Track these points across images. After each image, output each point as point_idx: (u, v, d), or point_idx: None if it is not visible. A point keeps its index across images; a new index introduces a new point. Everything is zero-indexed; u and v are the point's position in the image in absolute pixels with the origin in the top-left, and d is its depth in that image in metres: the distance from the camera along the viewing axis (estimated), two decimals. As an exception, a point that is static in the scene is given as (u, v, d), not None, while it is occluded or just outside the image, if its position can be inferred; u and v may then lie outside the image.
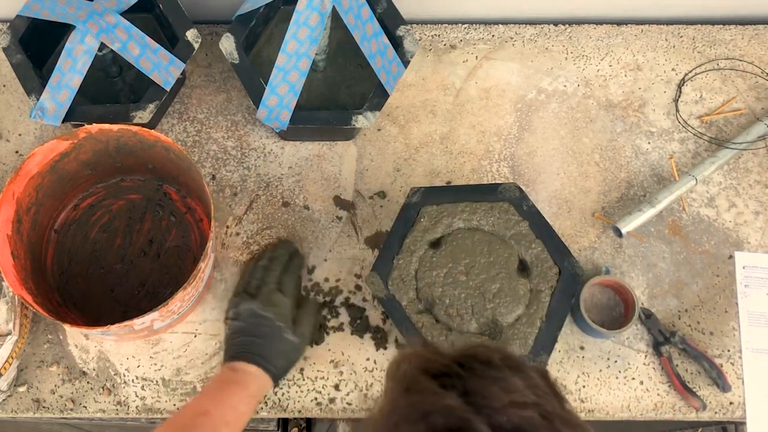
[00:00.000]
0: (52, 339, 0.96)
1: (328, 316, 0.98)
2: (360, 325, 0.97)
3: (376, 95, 0.97)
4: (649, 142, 1.08)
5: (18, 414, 0.94)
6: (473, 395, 0.51)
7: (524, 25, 1.15)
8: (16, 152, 1.06)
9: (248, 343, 0.84)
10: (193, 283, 0.86)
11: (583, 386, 0.95)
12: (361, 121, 0.96)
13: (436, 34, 1.14)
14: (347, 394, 0.95)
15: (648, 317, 0.97)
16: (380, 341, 0.97)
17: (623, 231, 0.98)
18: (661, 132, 1.09)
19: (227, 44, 0.97)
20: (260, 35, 1.05)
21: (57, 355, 0.96)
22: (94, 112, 0.96)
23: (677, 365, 0.96)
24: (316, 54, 1.01)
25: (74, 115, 0.96)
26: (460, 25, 1.15)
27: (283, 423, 1.04)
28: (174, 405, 0.94)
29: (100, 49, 0.95)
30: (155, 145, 0.92)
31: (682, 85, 1.11)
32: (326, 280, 1.00)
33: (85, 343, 0.96)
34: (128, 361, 0.96)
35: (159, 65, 0.96)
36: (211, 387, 0.81)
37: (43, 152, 0.90)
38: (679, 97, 1.11)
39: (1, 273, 0.85)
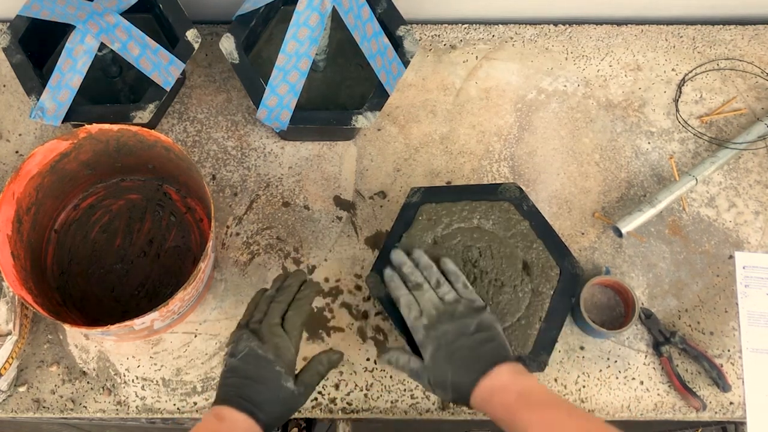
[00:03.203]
0: (52, 339, 0.96)
1: (328, 316, 0.98)
2: (360, 325, 0.97)
3: (376, 95, 0.97)
4: (649, 142, 1.08)
5: (18, 414, 0.94)
6: None
7: (524, 25, 1.15)
8: (16, 152, 1.06)
9: (241, 386, 0.75)
10: (193, 283, 0.86)
11: (583, 386, 0.95)
12: (361, 121, 0.96)
13: (436, 34, 1.14)
14: (347, 394, 0.95)
15: (648, 317, 0.97)
16: (380, 341, 0.97)
17: (623, 231, 0.98)
18: (661, 132, 1.09)
19: (227, 44, 0.97)
20: (260, 35, 1.05)
21: (57, 355, 0.96)
22: (94, 112, 0.96)
23: (677, 365, 0.96)
24: (316, 54, 1.01)
25: (74, 115, 0.96)
26: (460, 25, 1.15)
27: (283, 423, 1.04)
28: (174, 405, 0.94)
29: (100, 49, 0.95)
30: (155, 145, 0.92)
31: (682, 85, 1.11)
32: (326, 280, 1.00)
33: (85, 343, 0.96)
34: (128, 361, 0.96)
35: (159, 65, 0.96)
36: None
37: (43, 152, 0.90)
38: (679, 97, 1.11)
39: (1, 273, 0.85)
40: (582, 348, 0.97)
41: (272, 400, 0.75)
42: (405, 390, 0.95)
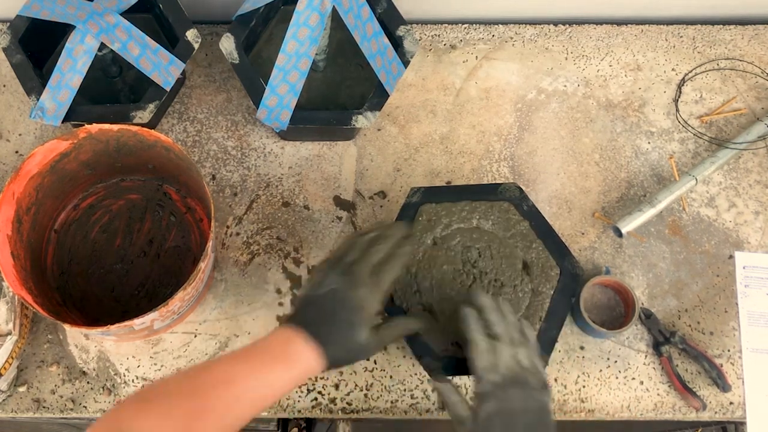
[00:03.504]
0: (52, 339, 0.96)
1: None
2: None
3: (376, 95, 0.97)
4: (649, 142, 1.08)
5: (18, 414, 0.94)
6: None
7: (524, 25, 1.15)
8: (16, 152, 1.06)
9: (316, 321, 0.74)
10: (193, 283, 0.86)
11: (583, 386, 0.95)
12: (361, 121, 0.96)
13: (436, 34, 1.14)
14: (347, 394, 0.95)
15: (648, 317, 0.97)
16: (380, 341, 0.97)
17: (623, 231, 0.98)
18: (661, 132, 1.09)
19: (227, 44, 0.97)
20: (260, 35, 1.05)
21: (57, 355, 0.96)
22: (94, 112, 0.96)
23: (677, 365, 0.96)
24: (316, 54, 1.01)
25: (74, 115, 0.96)
26: (460, 25, 1.15)
27: (283, 423, 1.04)
28: (174, 405, 0.94)
29: (100, 49, 0.95)
30: (155, 145, 0.92)
31: (682, 85, 1.11)
32: (326, 280, 1.00)
33: (85, 343, 0.96)
34: (128, 361, 0.96)
35: (159, 65, 0.96)
36: (255, 354, 0.72)
37: (43, 152, 0.90)
38: (679, 97, 1.11)
39: (1, 273, 0.85)
40: (582, 348, 0.97)
41: (342, 345, 0.74)
42: (405, 390, 0.95)
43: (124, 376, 0.95)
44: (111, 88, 1.05)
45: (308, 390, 0.95)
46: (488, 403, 0.74)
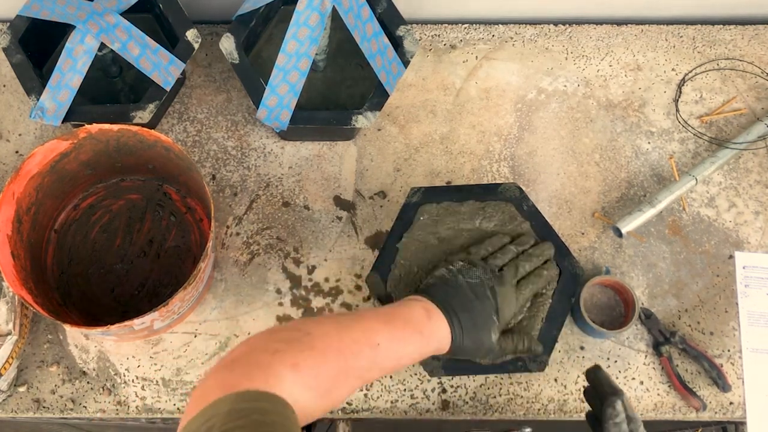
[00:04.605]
0: (52, 339, 0.96)
1: None
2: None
3: (376, 95, 0.97)
4: (649, 142, 1.08)
5: (18, 414, 0.94)
6: None
7: (524, 25, 1.15)
8: (16, 152, 1.06)
9: (458, 304, 0.75)
10: (193, 283, 0.86)
11: (583, 386, 0.95)
12: (361, 121, 0.96)
13: (436, 34, 1.14)
14: (347, 394, 0.95)
15: (648, 317, 0.97)
16: (380, 341, 0.97)
17: (623, 231, 0.98)
18: (661, 132, 1.09)
19: (227, 44, 0.97)
20: (260, 35, 1.05)
21: (57, 355, 0.96)
22: (94, 112, 0.96)
23: (677, 365, 0.96)
24: (316, 54, 1.01)
25: (74, 115, 0.96)
26: (460, 25, 1.15)
27: (284, 423, 1.04)
28: (174, 405, 0.94)
29: (100, 49, 0.95)
30: (155, 145, 0.92)
31: (682, 85, 1.11)
32: (326, 280, 1.00)
33: (85, 343, 0.96)
34: (128, 361, 0.96)
35: (159, 65, 0.96)
36: (398, 318, 0.71)
37: (43, 152, 0.90)
38: (679, 97, 1.11)
39: (1, 273, 0.85)
40: (582, 348, 0.97)
41: (473, 336, 0.75)
42: (405, 390, 0.95)
43: (124, 376, 0.95)
44: (111, 88, 1.05)
45: (308, 390, 0.95)
46: None
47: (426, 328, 0.72)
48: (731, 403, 0.95)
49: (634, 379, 0.96)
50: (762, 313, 0.97)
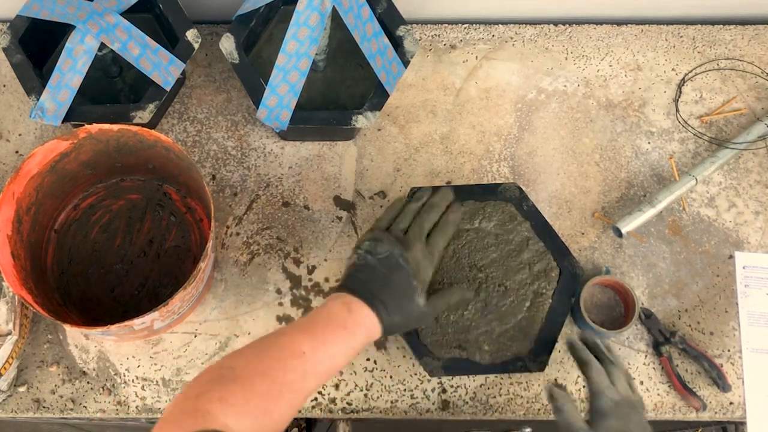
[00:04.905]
0: (52, 339, 0.96)
1: None
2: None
3: (376, 95, 0.97)
4: (649, 142, 1.08)
5: (18, 414, 0.94)
6: None
7: (524, 25, 1.15)
8: (16, 152, 1.06)
9: (375, 285, 0.75)
10: (193, 283, 0.86)
11: (584, 386, 0.95)
12: (361, 121, 0.96)
13: (436, 34, 1.14)
14: (347, 394, 0.95)
15: (648, 317, 0.97)
16: (380, 341, 0.97)
17: (623, 231, 0.98)
18: (661, 132, 1.09)
19: (227, 44, 0.97)
20: (260, 35, 1.05)
21: (57, 355, 0.96)
22: (94, 112, 0.96)
23: (677, 365, 0.96)
24: (316, 54, 1.01)
25: (74, 115, 0.96)
26: (460, 25, 1.15)
27: (283, 423, 1.04)
28: (174, 405, 0.94)
29: (100, 49, 0.95)
30: (155, 145, 0.92)
31: (682, 85, 1.11)
32: (326, 280, 1.00)
33: (85, 343, 0.96)
34: (128, 361, 0.96)
35: (159, 65, 0.96)
36: (318, 322, 0.72)
37: (43, 152, 0.90)
38: (679, 97, 1.11)
39: (1, 273, 0.85)
40: (582, 348, 0.97)
41: (401, 310, 0.75)
42: (405, 390, 0.95)
43: (124, 376, 0.95)
44: (111, 88, 1.05)
45: (308, 390, 0.95)
46: (608, 421, 0.76)
47: (348, 322, 0.73)
48: (731, 403, 0.95)
49: (634, 379, 0.96)
50: (762, 313, 0.97)
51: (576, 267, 0.92)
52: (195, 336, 0.97)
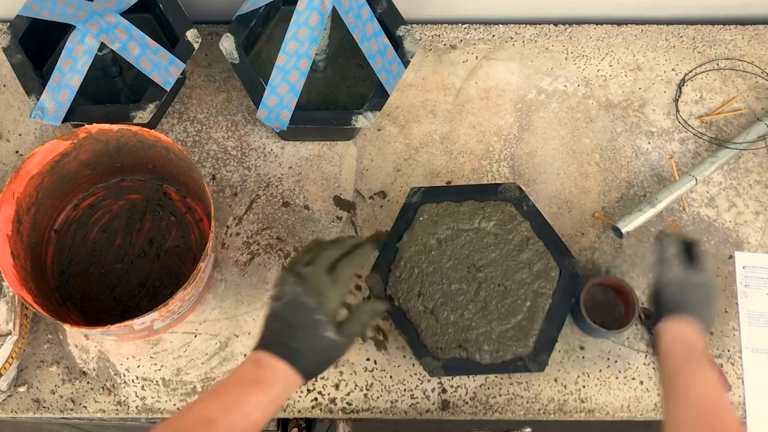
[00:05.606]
0: (52, 339, 0.96)
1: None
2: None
3: (376, 95, 0.97)
4: (649, 142, 1.08)
5: (18, 414, 0.94)
6: None
7: (524, 25, 1.15)
8: (16, 152, 1.06)
9: (282, 332, 0.73)
10: (194, 283, 0.86)
11: (583, 386, 0.95)
12: (361, 121, 0.96)
13: (436, 34, 1.14)
14: (347, 394, 0.95)
15: (648, 317, 0.97)
16: (380, 341, 0.97)
17: (623, 231, 0.98)
18: (661, 132, 1.09)
19: (227, 44, 0.97)
20: (260, 35, 1.05)
21: (57, 355, 0.96)
22: (94, 112, 0.96)
23: (677, 365, 0.96)
24: (316, 54, 1.01)
25: (74, 115, 0.96)
26: (460, 25, 1.15)
27: (283, 423, 1.03)
28: (174, 405, 0.94)
29: (100, 49, 0.95)
30: (155, 145, 0.92)
31: (682, 85, 1.11)
32: (326, 280, 1.00)
33: (85, 343, 0.96)
34: (128, 361, 0.96)
35: (159, 65, 0.96)
36: (229, 384, 0.71)
37: (43, 152, 0.90)
38: (679, 97, 1.11)
39: (1, 273, 0.85)
40: (582, 348, 0.97)
41: (312, 349, 0.73)
42: (405, 390, 0.95)
43: (124, 376, 0.95)
44: (111, 88, 1.05)
45: (308, 390, 0.95)
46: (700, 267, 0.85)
47: (261, 376, 0.71)
48: (731, 403, 0.95)
49: (634, 379, 0.96)
50: (762, 313, 0.97)
51: (576, 267, 0.92)
52: (195, 336, 0.97)
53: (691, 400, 0.74)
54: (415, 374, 0.96)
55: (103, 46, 0.95)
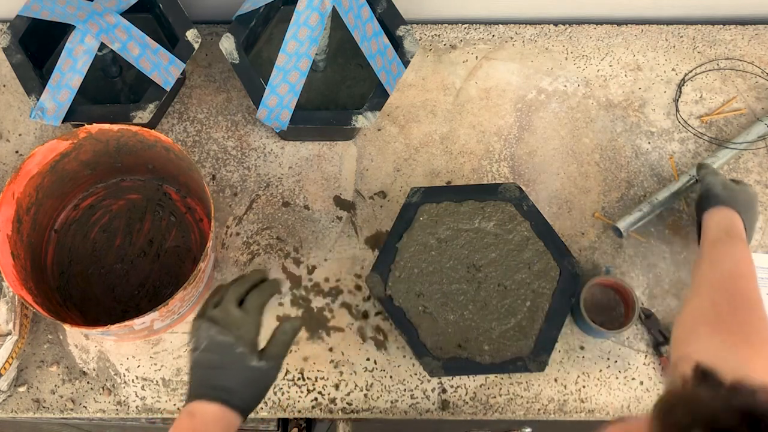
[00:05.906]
0: (52, 339, 0.96)
1: (328, 316, 0.98)
2: (360, 325, 0.97)
3: (376, 95, 0.97)
4: (649, 142, 1.08)
5: (18, 414, 0.94)
6: None
7: (524, 25, 1.15)
8: (16, 152, 1.06)
9: (208, 377, 0.73)
10: (194, 283, 0.86)
11: (583, 386, 0.95)
12: (361, 121, 0.96)
13: (436, 34, 1.14)
14: (347, 394, 0.95)
15: (648, 317, 0.97)
16: (380, 341, 0.97)
17: (623, 231, 0.98)
18: (661, 132, 1.09)
19: (227, 44, 0.97)
20: (260, 35, 1.05)
21: (57, 355, 0.96)
22: (94, 112, 0.96)
23: (677, 365, 0.96)
24: (316, 54, 1.01)
25: (74, 115, 0.96)
26: (460, 25, 1.15)
27: (283, 423, 1.04)
28: (174, 405, 0.94)
29: (100, 49, 0.95)
30: (155, 145, 0.92)
31: (682, 85, 1.11)
32: (326, 280, 1.00)
33: (85, 343, 0.96)
34: (128, 361, 0.96)
35: (159, 65, 0.96)
36: None
37: (43, 152, 0.90)
38: (679, 97, 1.11)
39: (1, 273, 0.85)
40: (582, 348, 0.97)
41: (241, 383, 0.73)
42: (405, 390, 0.95)
43: (124, 376, 0.95)
44: (111, 88, 1.05)
45: (308, 390, 0.95)
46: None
47: (197, 424, 0.71)
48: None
49: (634, 379, 0.96)
50: (762, 313, 0.97)
51: (576, 267, 0.92)
52: (195, 336, 0.97)
53: (720, 266, 0.80)
54: (415, 374, 0.96)
55: (103, 46, 0.95)
